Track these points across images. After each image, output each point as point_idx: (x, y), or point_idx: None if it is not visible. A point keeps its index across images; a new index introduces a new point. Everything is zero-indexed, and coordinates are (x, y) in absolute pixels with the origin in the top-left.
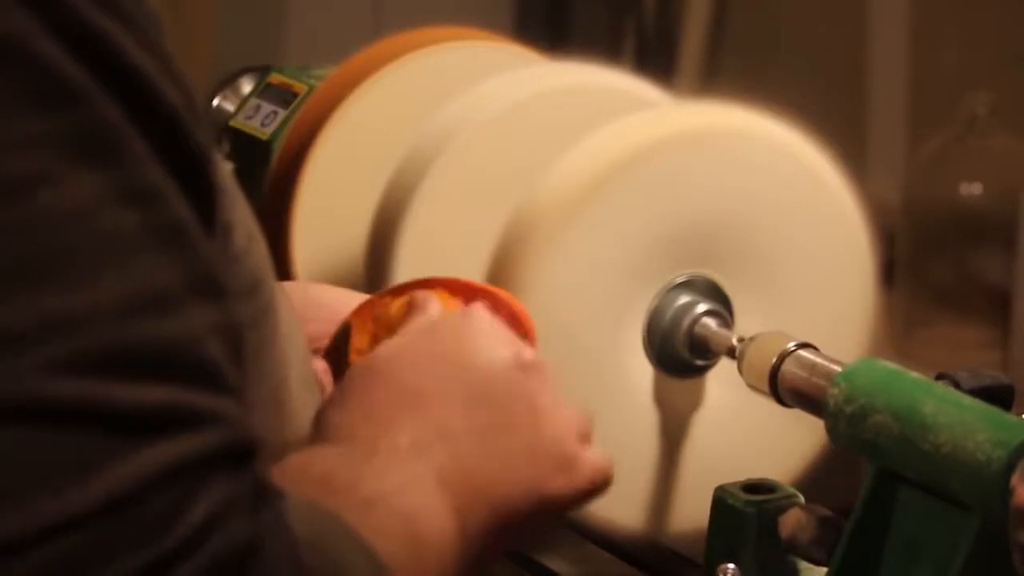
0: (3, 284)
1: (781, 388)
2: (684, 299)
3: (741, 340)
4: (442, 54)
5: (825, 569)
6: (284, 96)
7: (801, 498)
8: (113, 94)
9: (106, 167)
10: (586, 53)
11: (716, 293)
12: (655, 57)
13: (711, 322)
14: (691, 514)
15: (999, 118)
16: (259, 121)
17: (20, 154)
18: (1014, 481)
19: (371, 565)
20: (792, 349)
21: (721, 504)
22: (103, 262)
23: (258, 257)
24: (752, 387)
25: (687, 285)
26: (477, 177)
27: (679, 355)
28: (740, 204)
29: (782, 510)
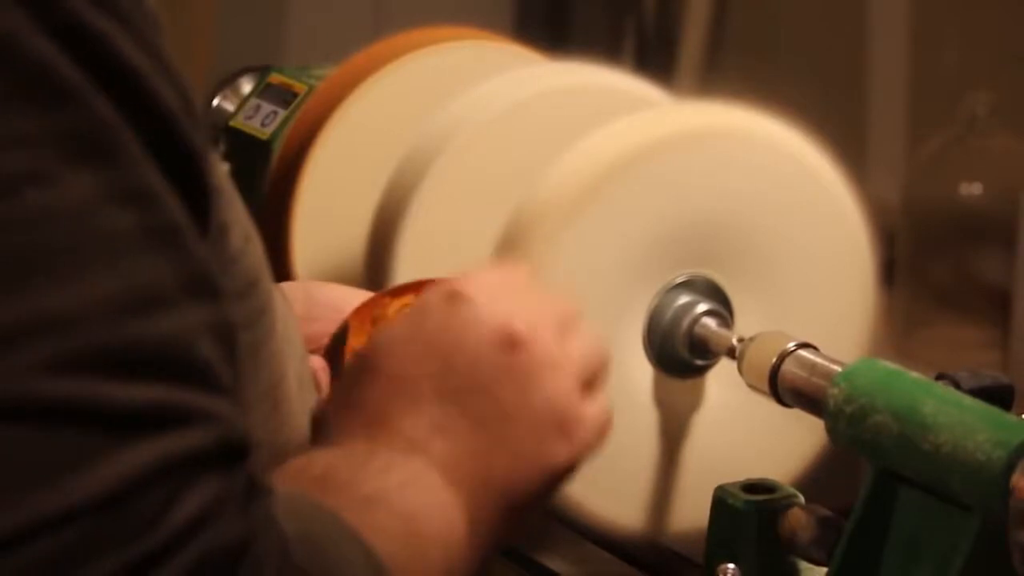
0: None
1: (781, 388)
2: (684, 299)
3: (741, 340)
4: (442, 54)
5: (825, 569)
6: (284, 96)
7: (801, 498)
8: (109, 94)
9: (100, 167)
10: (586, 53)
11: (716, 293)
12: (655, 57)
13: (711, 322)
14: (691, 514)
15: (999, 118)
16: (259, 121)
17: (11, 153)
18: (1014, 481)
19: (369, 563)
20: (792, 349)
21: (721, 504)
22: (96, 261)
23: (254, 257)
24: (752, 387)
25: (687, 285)
26: (477, 177)
27: (679, 355)
28: (740, 204)
29: (782, 510)
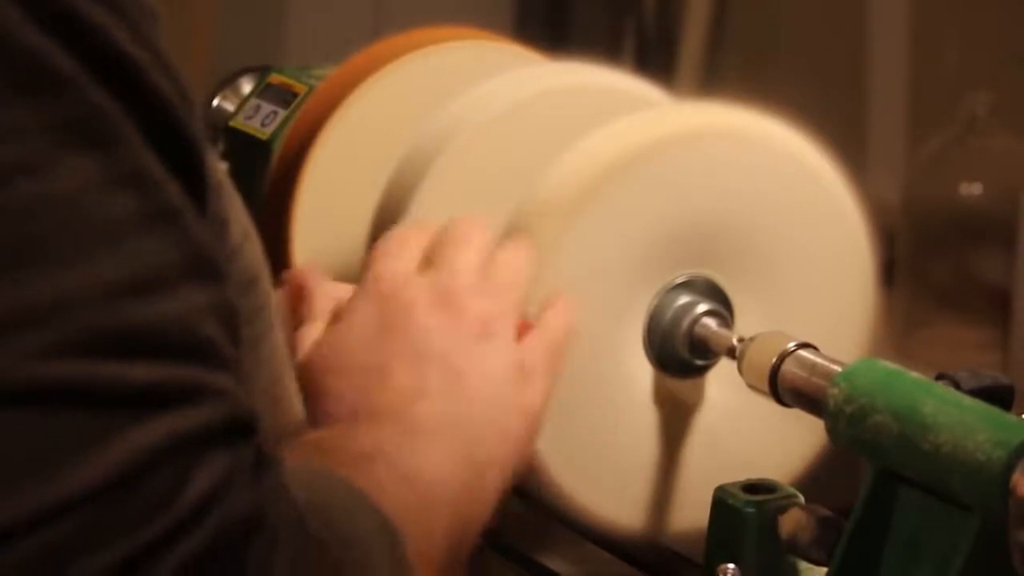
0: None
1: (781, 388)
2: (684, 299)
3: (741, 340)
4: (442, 54)
5: (825, 569)
6: (284, 96)
7: (801, 498)
8: (105, 83)
9: (97, 153)
10: (586, 53)
11: (716, 293)
12: (655, 57)
13: (711, 322)
14: (691, 514)
15: (999, 118)
16: (259, 121)
17: (6, 142)
18: (1014, 481)
19: (382, 527)
20: (792, 349)
21: (721, 504)
22: (96, 245)
23: (253, 255)
24: (752, 387)
25: (687, 285)
26: (477, 177)
27: (679, 355)
28: (740, 204)
29: (782, 510)
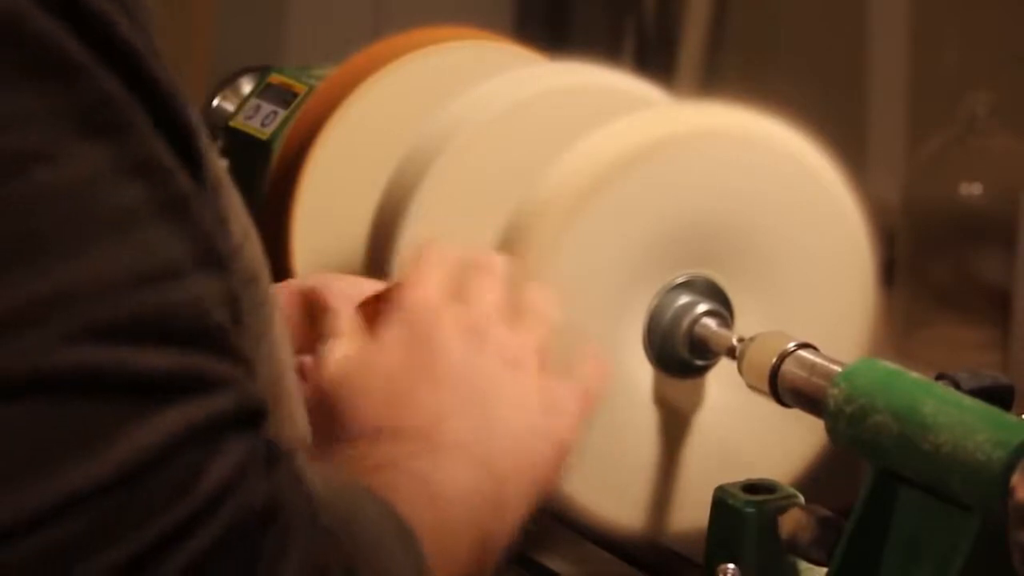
0: (5, 259)
1: (781, 388)
2: (684, 299)
3: (741, 340)
4: (442, 54)
5: (825, 569)
6: (284, 96)
7: (801, 498)
8: (114, 70)
9: (109, 141)
10: (586, 53)
11: (716, 293)
12: (655, 57)
13: (711, 322)
14: (691, 514)
15: (999, 118)
16: (259, 121)
17: (19, 131)
18: (1014, 481)
19: (395, 525)
20: (792, 349)
21: (721, 504)
22: (108, 234)
23: (253, 254)
24: (752, 387)
25: (687, 285)
26: (477, 177)
27: (679, 355)
28: (740, 204)
29: (782, 510)
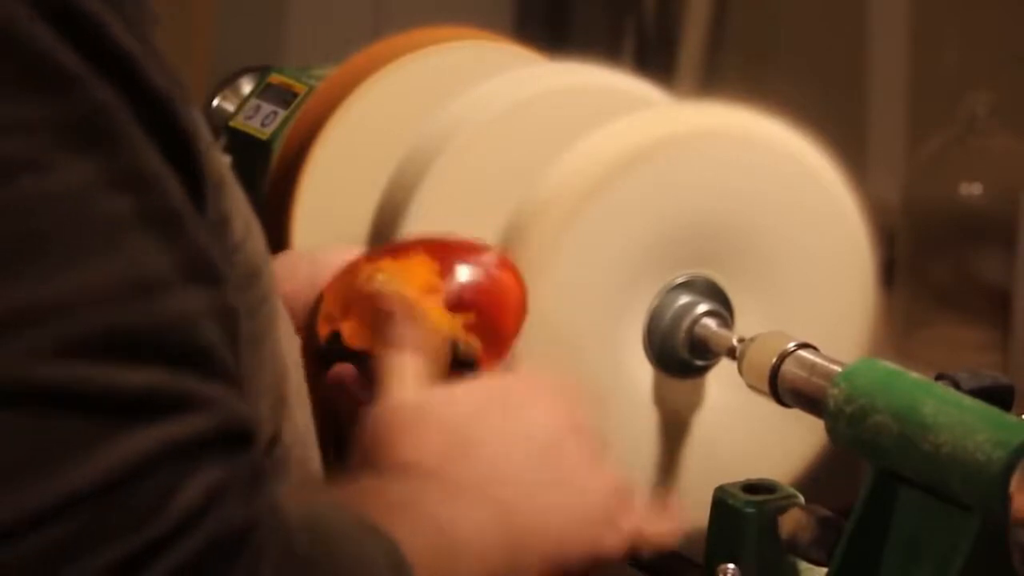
0: None
1: (781, 388)
2: (684, 299)
3: (741, 340)
4: (442, 54)
5: (825, 569)
6: (284, 96)
7: (801, 498)
8: (107, 79)
9: (100, 151)
10: (586, 53)
11: (716, 293)
12: (655, 57)
13: (711, 322)
14: (691, 514)
15: (999, 118)
16: (259, 121)
17: (9, 139)
18: (1014, 481)
19: (384, 548)
20: (792, 349)
21: (721, 504)
22: (95, 245)
23: (256, 247)
24: (752, 387)
25: (687, 285)
26: (477, 177)
27: (679, 355)
28: (740, 204)
29: (782, 510)
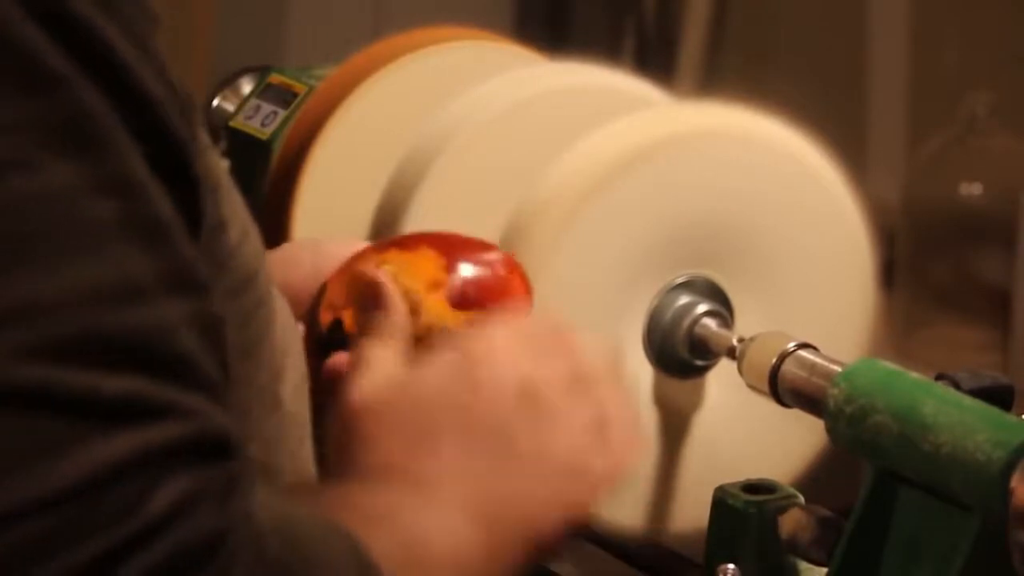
0: None
1: (781, 388)
2: (684, 299)
3: (741, 340)
4: (442, 54)
5: (825, 569)
6: (284, 96)
7: (801, 498)
8: (96, 82)
9: (85, 155)
10: (586, 53)
11: (716, 293)
12: (655, 57)
13: (711, 322)
14: (691, 514)
15: (999, 118)
16: (259, 121)
17: None
18: (1014, 481)
19: (357, 562)
20: (792, 349)
21: (721, 504)
22: (75, 250)
23: (252, 251)
24: (752, 387)
25: (687, 285)
26: (477, 177)
27: (679, 355)
28: (740, 204)
29: (782, 510)
